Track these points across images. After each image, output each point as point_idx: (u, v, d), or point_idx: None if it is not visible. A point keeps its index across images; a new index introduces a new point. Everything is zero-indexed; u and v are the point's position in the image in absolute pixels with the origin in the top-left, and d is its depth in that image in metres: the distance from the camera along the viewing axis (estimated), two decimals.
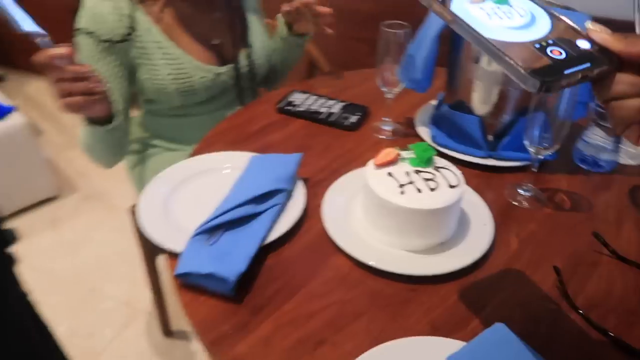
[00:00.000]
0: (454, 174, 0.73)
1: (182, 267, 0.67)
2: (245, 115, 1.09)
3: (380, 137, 1.02)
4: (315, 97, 1.14)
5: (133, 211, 1.36)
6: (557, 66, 0.45)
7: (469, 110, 0.93)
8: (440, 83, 1.00)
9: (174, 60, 1.11)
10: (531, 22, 0.49)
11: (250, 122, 1.06)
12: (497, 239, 0.76)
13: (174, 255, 0.72)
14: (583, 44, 0.47)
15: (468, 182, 0.83)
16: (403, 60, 0.94)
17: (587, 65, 0.46)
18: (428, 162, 0.74)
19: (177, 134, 1.24)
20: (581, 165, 0.92)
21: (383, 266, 0.69)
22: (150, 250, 1.46)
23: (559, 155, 0.91)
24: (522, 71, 0.44)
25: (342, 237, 0.74)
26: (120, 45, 1.06)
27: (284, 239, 0.75)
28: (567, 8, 0.86)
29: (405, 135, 1.01)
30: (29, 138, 1.97)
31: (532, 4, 0.52)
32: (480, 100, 0.91)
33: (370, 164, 0.75)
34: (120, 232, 2.00)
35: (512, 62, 0.45)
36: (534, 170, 0.83)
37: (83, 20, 1.04)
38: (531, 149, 0.80)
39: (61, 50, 0.77)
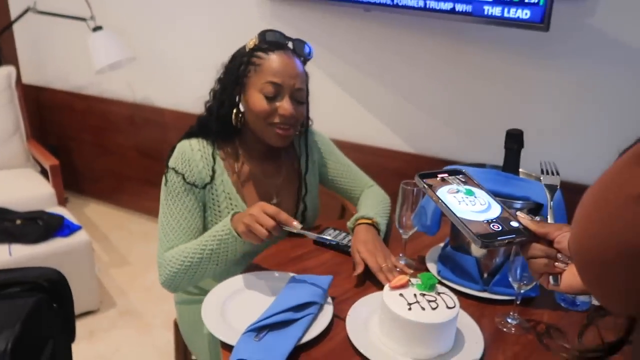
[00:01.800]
0: (451, 298, 0.93)
1: (236, 354, 0.87)
2: (288, 244, 1.33)
3: (397, 269, 1.23)
4: (345, 233, 1.38)
5: (176, 325, 1.55)
6: (495, 234, 0.77)
7: (468, 252, 1.15)
8: (447, 229, 1.24)
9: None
10: (487, 208, 0.81)
11: (292, 250, 1.30)
12: (487, 356, 0.93)
13: (228, 348, 0.91)
14: (514, 224, 0.80)
15: (465, 310, 1.03)
16: (417, 210, 1.19)
17: (513, 236, 0.78)
18: (431, 288, 0.95)
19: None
20: (561, 304, 1.11)
21: None
22: None
23: (544, 294, 1.10)
24: (473, 235, 0.75)
25: (361, 343, 0.93)
26: (201, 190, 1.26)
27: (314, 342, 0.94)
28: (538, 178, 1.13)
29: (417, 269, 1.22)
30: (87, 254, 2.23)
31: (490, 197, 0.84)
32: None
33: (387, 287, 0.96)
34: (150, 347, 2.15)
35: (468, 229, 0.76)
36: (517, 302, 1.02)
37: (174, 161, 1.25)
38: (514, 285, 1.00)
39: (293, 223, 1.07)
